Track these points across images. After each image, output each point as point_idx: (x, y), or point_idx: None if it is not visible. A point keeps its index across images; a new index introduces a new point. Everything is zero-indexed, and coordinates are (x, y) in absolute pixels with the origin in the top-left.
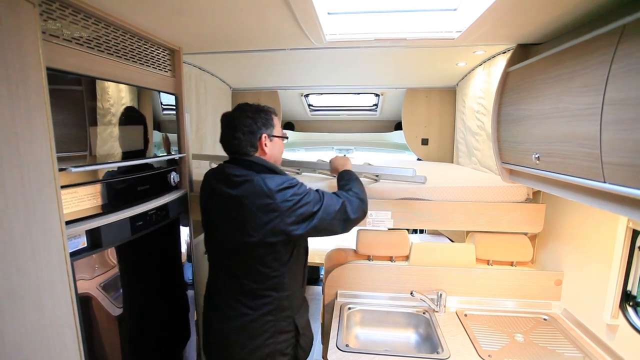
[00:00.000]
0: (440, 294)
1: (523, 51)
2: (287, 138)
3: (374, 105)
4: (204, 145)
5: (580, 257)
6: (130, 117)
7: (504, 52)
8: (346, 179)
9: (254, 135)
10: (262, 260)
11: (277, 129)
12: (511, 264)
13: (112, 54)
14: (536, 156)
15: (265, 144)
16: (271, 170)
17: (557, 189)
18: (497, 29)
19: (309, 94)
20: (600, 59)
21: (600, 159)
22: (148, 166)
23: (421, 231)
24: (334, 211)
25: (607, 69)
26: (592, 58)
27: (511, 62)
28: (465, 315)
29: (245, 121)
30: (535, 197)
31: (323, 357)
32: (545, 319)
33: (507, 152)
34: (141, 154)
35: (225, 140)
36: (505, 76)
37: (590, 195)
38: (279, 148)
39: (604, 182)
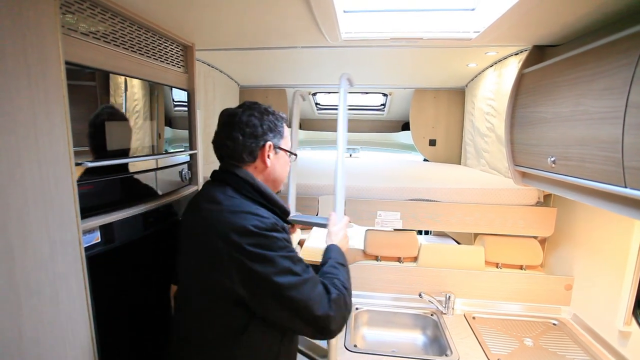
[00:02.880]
0: (449, 296)
1: (538, 53)
2: (295, 156)
3: (381, 105)
4: (210, 143)
5: (591, 262)
6: (143, 112)
7: (516, 54)
8: (332, 261)
9: (256, 139)
10: (209, 314)
11: (286, 142)
12: (520, 267)
13: (128, 49)
14: (552, 159)
15: (269, 156)
16: (259, 193)
17: (573, 192)
18: (515, 29)
19: (316, 93)
20: (624, 61)
21: (621, 163)
22: (160, 162)
23: (426, 232)
24: (310, 308)
25: (632, 71)
26: (614, 60)
27: (526, 63)
28: (474, 318)
29: (249, 120)
30: (546, 200)
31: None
32: (554, 324)
33: (521, 155)
34: (153, 149)
35: (217, 141)
36: (520, 78)
37: (608, 199)
38: (284, 167)
39: (625, 186)
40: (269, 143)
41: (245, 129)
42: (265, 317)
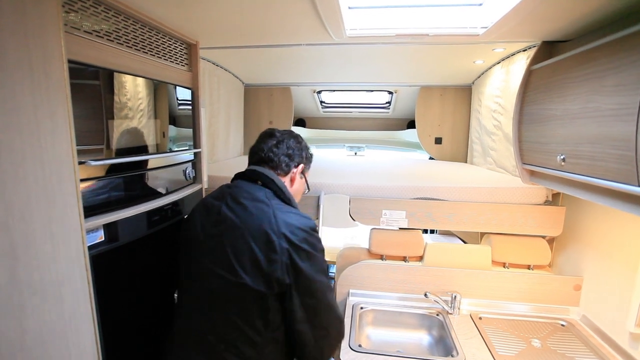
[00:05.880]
0: (455, 296)
1: (547, 48)
2: (309, 190)
3: (386, 102)
4: (216, 141)
5: (601, 262)
6: (147, 111)
7: (524, 50)
8: None
9: (293, 158)
10: (244, 313)
11: (307, 174)
12: (528, 267)
13: (131, 47)
14: (561, 157)
15: (295, 175)
16: (287, 200)
17: (584, 191)
18: (524, 25)
19: (321, 91)
20: (637, 56)
21: (635, 162)
22: (164, 161)
23: (432, 231)
24: (327, 313)
25: None
26: (627, 56)
27: (535, 59)
28: (480, 318)
29: (295, 143)
30: (554, 199)
31: (334, 357)
32: (563, 325)
33: (529, 153)
34: (157, 148)
35: (259, 149)
36: (529, 74)
37: (620, 199)
38: (300, 192)
39: (639, 185)
40: (302, 165)
41: (291, 146)
42: (287, 308)
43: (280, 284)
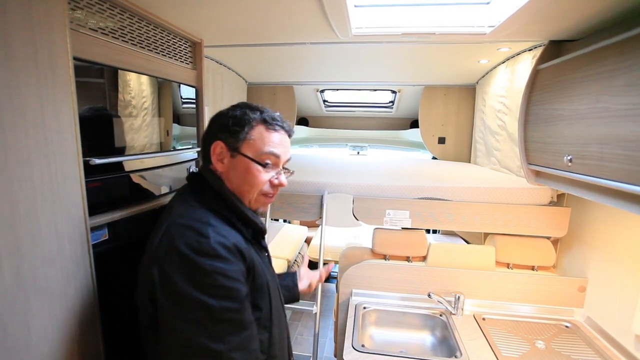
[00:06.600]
0: (458, 297)
1: (555, 48)
2: (263, 166)
3: (390, 102)
4: None
5: (607, 264)
6: (151, 109)
7: (529, 49)
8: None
9: (206, 140)
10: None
11: (254, 147)
12: (532, 268)
13: (136, 45)
14: (568, 158)
15: (222, 159)
16: (224, 202)
17: (591, 192)
18: (532, 24)
19: (324, 90)
20: None
21: None
22: (168, 159)
23: (434, 231)
24: None
25: None
26: (637, 55)
27: (542, 59)
28: (484, 319)
29: (216, 116)
30: (559, 200)
31: (336, 356)
32: (567, 327)
33: (535, 153)
34: (161, 146)
35: None
36: (535, 74)
37: (629, 200)
38: (245, 176)
39: None
40: (218, 143)
41: (211, 120)
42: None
43: (147, 314)
